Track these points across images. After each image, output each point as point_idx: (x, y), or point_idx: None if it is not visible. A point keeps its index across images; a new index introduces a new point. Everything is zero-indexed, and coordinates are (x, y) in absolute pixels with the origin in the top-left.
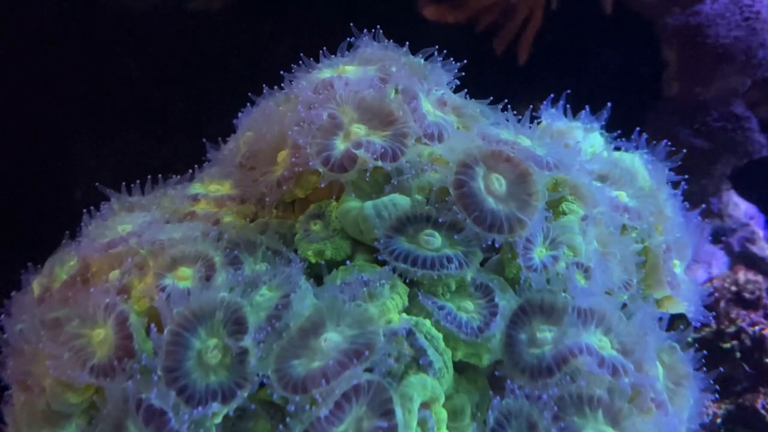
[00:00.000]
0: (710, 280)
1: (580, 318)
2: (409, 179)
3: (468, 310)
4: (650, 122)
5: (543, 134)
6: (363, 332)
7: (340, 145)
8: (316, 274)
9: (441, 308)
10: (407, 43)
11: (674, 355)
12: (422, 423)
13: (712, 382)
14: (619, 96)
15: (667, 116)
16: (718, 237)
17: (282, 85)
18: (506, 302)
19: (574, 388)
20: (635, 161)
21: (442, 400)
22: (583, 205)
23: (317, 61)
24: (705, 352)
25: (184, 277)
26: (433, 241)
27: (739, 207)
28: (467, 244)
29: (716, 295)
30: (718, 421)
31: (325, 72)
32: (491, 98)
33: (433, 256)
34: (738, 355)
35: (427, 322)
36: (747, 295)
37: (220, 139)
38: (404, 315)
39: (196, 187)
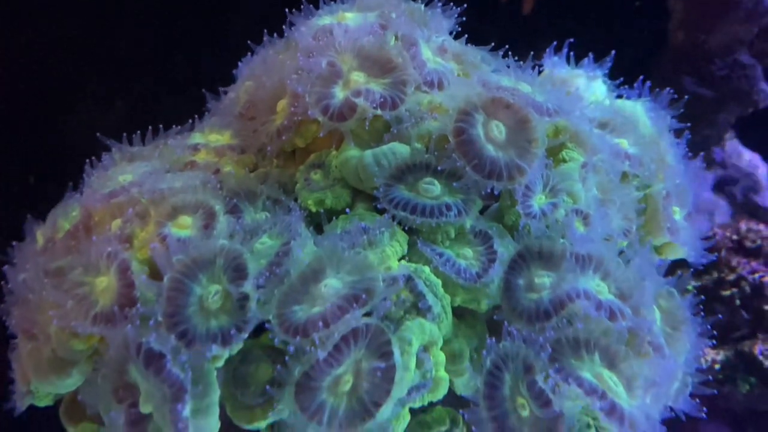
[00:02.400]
0: (712, 229)
1: (578, 263)
2: (409, 127)
3: (467, 256)
4: (656, 71)
5: (544, 82)
6: (362, 278)
7: (339, 94)
8: (317, 223)
9: (440, 255)
10: None
11: (672, 300)
12: (420, 365)
13: (709, 327)
14: (626, 45)
15: (672, 65)
16: (721, 187)
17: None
18: (505, 249)
19: (571, 331)
20: (637, 109)
21: (440, 343)
22: (583, 152)
23: (317, 7)
24: (704, 299)
25: (185, 226)
26: (433, 189)
27: (743, 156)
28: (466, 191)
29: (717, 243)
30: (717, 366)
31: (324, 18)
32: (492, 44)
33: (432, 204)
34: (737, 302)
35: (426, 269)
36: (748, 244)
37: (221, 89)
38: (403, 262)
39: (196, 137)
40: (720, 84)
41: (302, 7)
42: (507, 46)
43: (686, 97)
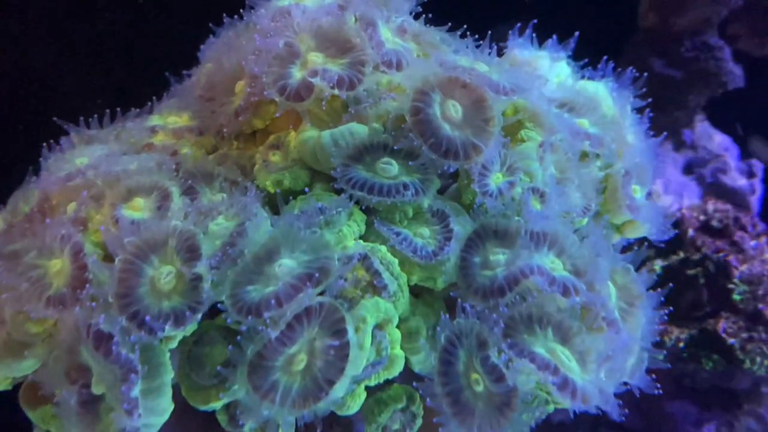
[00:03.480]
0: (680, 210)
1: (532, 240)
2: (367, 107)
3: (424, 235)
4: (627, 53)
5: (502, 62)
6: (317, 257)
7: (296, 74)
8: (277, 204)
9: (397, 234)
10: None
11: (628, 276)
12: (376, 343)
13: (663, 300)
14: (598, 27)
15: (642, 47)
16: (691, 168)
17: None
18: (461, 227)
19: (524, 307)
20: (600, 89)
21: (396, 321)
22: (541, 131)
23: None
24: (659, 275)
25: (139, 208)
26: (390, 168)
27: (714, 138)
28: (424, 171)
29: (684, 223)
30: (681, 345)
31: (284, 0)
32: (449, 24)
33: (390, 183)
34: (702, 281)
35: (383, 248)
36: (715, 224)
37: (184, 72)
38: (360, 241)
39: (154, 119)
40: (688, 65)
41: None
42: (465, 26)
43: (645, 74)
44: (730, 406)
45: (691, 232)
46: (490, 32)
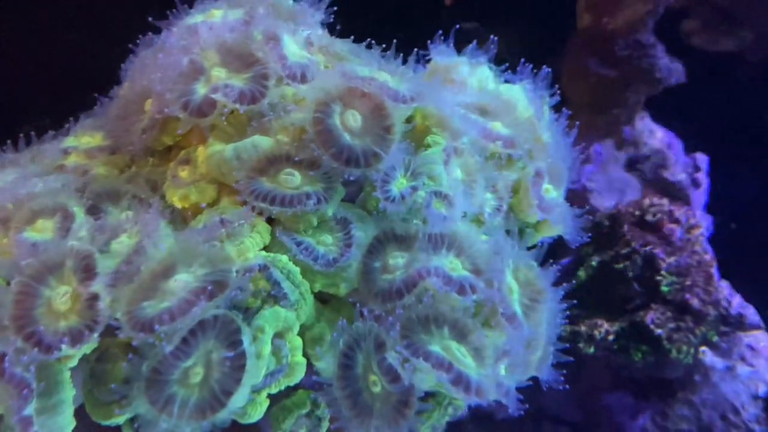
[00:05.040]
0: (616, 206)
1: (431, 243)
2: (272, 120)
3: (326, 243)
4: (567, 54)
5: (405, 71)
6: (214, 270)
7: (200, 90)
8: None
9: (299, 243)
10: None
11: (531, 272)
12: (276, 351)
13: (563, 294)
14: (541, 29)
15: (580, 48)
16: (633, 165)
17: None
18: (363, 233)
19: (421, 308)
20: (516, 92)
21: (296, 329)
22: (448, 136)
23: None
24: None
25: (43, 229)
26: (292, 179)
27: (656, 134)
28: (327, 180)
29: (620, 218)
30: (611, 338)
31: (197, 17)
32: (352, 37)
33: (292, 193)
34: (630, 274)
35: (284, 258)
36: (649, 218)
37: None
38: (262, 252)
39: (69, 141)
40: (622, 64)
41: (177, 7)
42: (370, 39)
43: (547, 69)
44: (665, 395)
45: (625, 227)
46: (395, 41)
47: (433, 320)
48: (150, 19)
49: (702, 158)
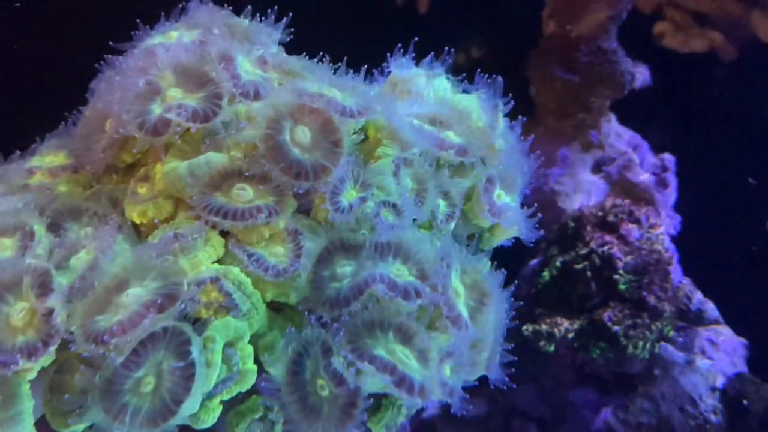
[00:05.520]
0: (580, 209)
1: (377, 251)
2: (226, 137)
3: (278, 254)
4: (533, 61)
5: (356, 85)
6: (166, 284)
7: (156, 110)
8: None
9: (250, 255)
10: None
11: (478, 275)
12: (227, 359)
13: (511, 297)
14: (510, 37)
15: (545, 55)
16: (599, 167)
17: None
18: (313, 244)
19: (367, 314)
20: (471, 101)
21: (247, 338)
22: (398, 147)
23: None
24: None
25: (5, 248)
26: (244, 194)
27: (622, 137)
28: (278, 194)
29: (583, 220)
30: (570, 336)
31: (156, 38)
32: (305, 53)
33: (244, 207)
34: (589, 274)
35: (235, 269)
36: (611, 218)
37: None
38: (215, 265)
39: (34, 160)
40: (585, 70)
41: (138, 29)
42: (322, 53)
43: (498, 78)
44: (627, 389)
45: (588, 228)
46: (345, 58)
47: (379, 325)
48: (111, 43)
49: (669, 159)
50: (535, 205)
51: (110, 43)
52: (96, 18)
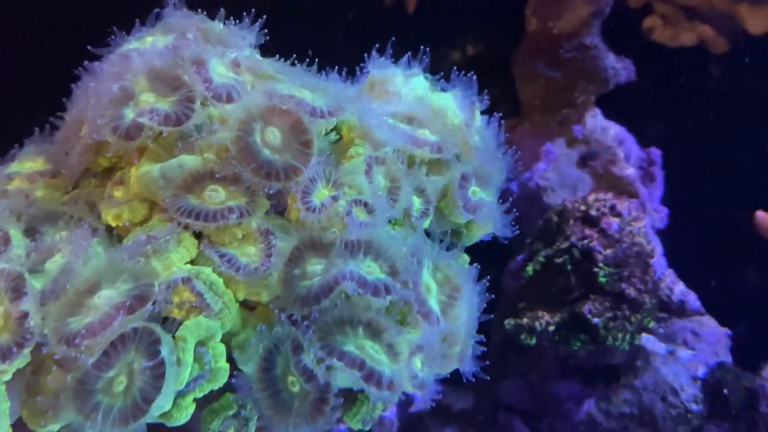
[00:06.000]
0: (563, 203)
1: (347, 249)
2: (198, 140)
3: (250, 254)
4: (516, 58)
5: (327, 86)
6: (137, 285)
7: (129, 115)
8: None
9: (222, 256)
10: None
11: (450, 270)
12: (199, 358)
13: (485, 291)
14: (488, 37)
15: (528, 52)
16: (585, 162)
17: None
18: (285, 243)
19: (337, 311)
20: (447, 99)
21: (219, 337)
22: (370, 146)
23: None
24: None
25: None
26: (216, 195)
27: (608, 131)
28: (250, 194)
29: (566, 214)
30: (551, 329)
31: (133, 44)
32: (278, 56)
33: (215, 208)
34: (569, 267)
35: (207, 270)
36: (593, 213)
37: None
38: (187, 266)
39: (12, 167)
40: (567, 66)
41: (113, 36)
42: (294, 55)
43: (469, 74)
44: (610, 381)
45: (570, 222)
46: (317, 60)
47: (348, 322)
48: (89, 47)
49: (656, 152)
50: (510, 200)
51: (88, 47)
52: (75, 24)
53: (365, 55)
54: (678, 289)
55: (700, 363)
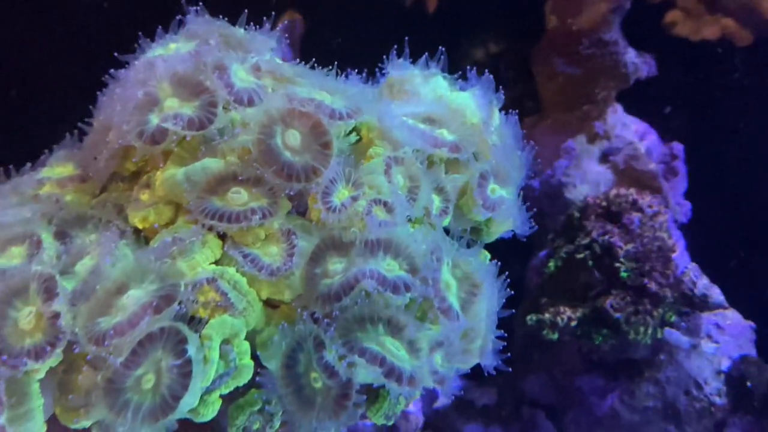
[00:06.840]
0: (585, 199)
1: (367, 248)
2: (221, 143)
3: (272, 254)
4: (536, 56)
5: (347, 88)
6: (164, 285)
7: (154, 120)
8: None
9: (246, 256)
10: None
11: (469, 267)
12: (225, 356)
13: (506, 287)
14: (511, 34)
15: (548, 49)
16: (606, 158)
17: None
18: (306, 243)
19: (357, 308)
20: (465, 98)
21: (243, 335)
22: (389, 147)
23: None
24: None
25: (15, 256)
26: (239, 197)
27: (629, 127)
28: (271, 196)
29: (588, 210)
30: (573, 324)
31: (157, 51)
32: (298, 60)
33: (239, 210)
34: (591, 263)
35: (231, 270)
36: (614, 208)
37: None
38: (212, 266)
39: (44, 172)
40: (586, 62)
41: (139, 42)
42: (314, 59)
43: (473, 68)
44: (633, 375)
45: (592, 218)
46: (337, 62)
47: (369, 319)
48: (116, 54)
49: (678, 147)
50: (531, 196)
51: (115, 54)
52: (104, 31)
53: (384, 56)
54: (701, 282)
55: (724, 356)
